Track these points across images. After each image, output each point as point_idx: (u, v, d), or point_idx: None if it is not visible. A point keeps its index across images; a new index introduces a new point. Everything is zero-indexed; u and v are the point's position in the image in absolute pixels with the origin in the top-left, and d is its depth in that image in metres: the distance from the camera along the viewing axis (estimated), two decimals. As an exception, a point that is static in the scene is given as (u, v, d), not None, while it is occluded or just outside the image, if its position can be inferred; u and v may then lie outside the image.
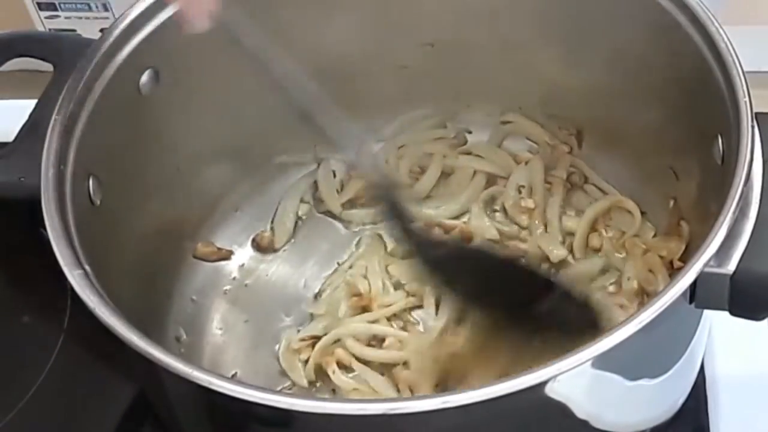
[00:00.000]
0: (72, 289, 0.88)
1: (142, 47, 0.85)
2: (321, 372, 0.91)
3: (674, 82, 0.84)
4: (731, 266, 0.67)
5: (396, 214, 0.82)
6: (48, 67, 0.86)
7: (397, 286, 0.95)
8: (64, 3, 1.17)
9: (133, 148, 0.87)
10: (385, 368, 0.90)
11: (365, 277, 0.96)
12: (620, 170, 0.98)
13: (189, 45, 0.87)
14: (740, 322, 0.72)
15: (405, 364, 0.89)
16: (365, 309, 0.93)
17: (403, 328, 0.92)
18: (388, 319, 0.93)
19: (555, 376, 0.63)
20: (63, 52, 0.87)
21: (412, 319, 0.93)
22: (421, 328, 0.93)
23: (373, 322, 0.92)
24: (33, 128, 0.83)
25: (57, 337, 0.94)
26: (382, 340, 0.91)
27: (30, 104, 0.85)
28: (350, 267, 0.98)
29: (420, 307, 0.94)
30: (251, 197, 1.02)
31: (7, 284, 0.99)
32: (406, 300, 0.93)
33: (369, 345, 0.91)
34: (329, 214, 1.02)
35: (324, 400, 0.65)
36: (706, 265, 0.66)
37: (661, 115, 0.88)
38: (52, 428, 0.91)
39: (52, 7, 1.17)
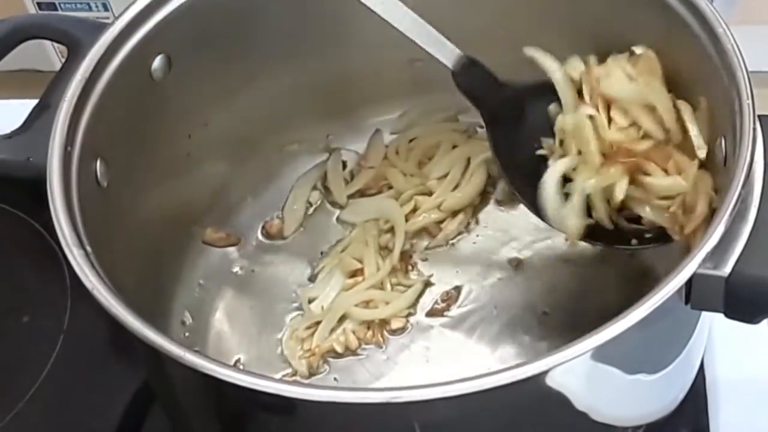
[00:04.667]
0: (72, 289, 0.90)
1: (154, 32, 0.85)
2: (322, 360, 0.93)
3: (680, 82, 0.84)
4: (727, 269, 0.67)
5: None
6: (48, 66, 0.87)
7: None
8: (64, 3, 1.17)
9: (143, 132, 0.88)
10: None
11: (359, 260, 0.97)
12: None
13: (202, 31, 0.88)
14: (740, 323, 0.72)
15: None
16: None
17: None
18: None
19: (555, 367, 0.63)
20: (77, 35, 0.88)
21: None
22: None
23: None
24: (44, 109, 0.83)
25: (57, 337, 0.94)
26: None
27: (30, 104, 0.85)
28: (343, 249, 0.99)
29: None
30: (262, 184, 1.03)
31: (7, 284, 1.00)
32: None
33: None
34: (339, 204, 1.03)
35: (326, 388, 0.65)
36: (701, 266, 0.66)
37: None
38: (52, 428, 0.91)
39: (52, 7, 1.18)
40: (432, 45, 0.87)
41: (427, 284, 0.96)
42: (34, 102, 0.85)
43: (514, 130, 0.89)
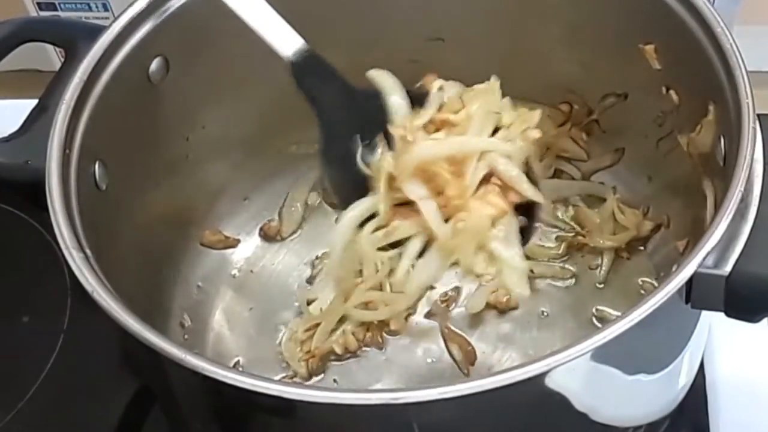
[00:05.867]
0: (72, 289, 0.89)
1: (152, 35, 0.85)
2: (321, 362, 0.93)
3: (678, 81, 0.84)
4: (727, 268, 0.67)
5: None
6: (48, 66, 0.86)
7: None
8: (64, 3, 1.17)
9: (141, 134, 0.88)
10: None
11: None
12: (622, 168, 0.99)
13: (200, 34, 0.88)
14: (740, 323, 0.72)
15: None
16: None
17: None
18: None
19: (555, 367, 0.63)
20: (75, 37, 0.87)
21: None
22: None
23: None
24: (42, 111, 0.83)
25: (57, 337, 0.94)
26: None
27: (30, 104, 0.85)
28: None
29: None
30: (260, 186, 1.03)
31: (7, 284, 1.00)
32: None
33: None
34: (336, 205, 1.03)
35: (326, 389, 0.65)
36: (701, 265, 0.66)
37: (666, 114, 0.88)
38: (52, 428, 0.91)
39: (52, 7, 1.18)
40: (271, 32, 0.81)
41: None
42: (34, 102, 0.85)
43: (349, 135, 0.83)
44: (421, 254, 0.80)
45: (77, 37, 0.87)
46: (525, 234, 0.79)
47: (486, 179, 0.78)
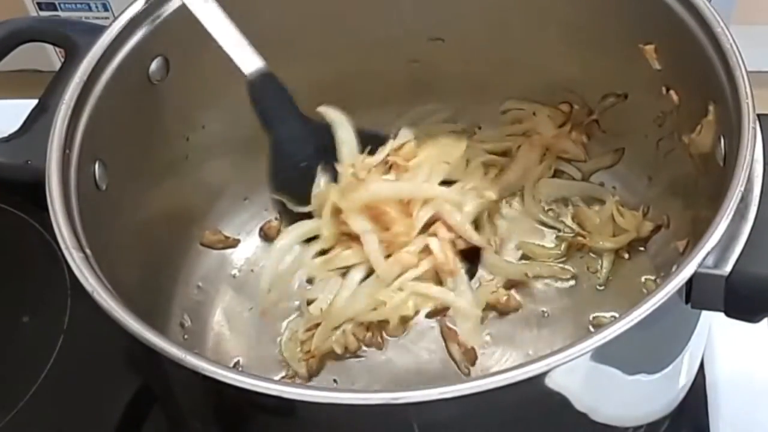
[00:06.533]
0: (72, 289, 0.89)
1: (152, 34, 0.85)
2: (321, 362, 0.93)
3: (678, 81, 0.84)
4: (727, 268, 0.67)
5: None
6: (48, 66, 0.86)
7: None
8: (64, 3, 1.17)
9: (141, 134, 0.88)
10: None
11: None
12: (622, 169, 0.99)
13: (200, 34, 0.88)
14: (740, 323, 0.72)
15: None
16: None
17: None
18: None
19: (555, 367, 0.63)
20: (75, 38, 0.87)
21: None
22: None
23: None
24: (42, 111, 0.83)
25: (57, 337, 0.94)
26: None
27: (30, 104, 0.85)
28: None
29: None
30: (260, 186, 1.02)
31: (7, 284, 1.00)
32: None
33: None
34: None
35: (326, 389, 0.65)
36: (701, 265, 0.66)
37: (666, 114, 0.88)
38: (52, 428, 0.91)
39: (52, 7, 1.18)
40: (234, 50, 0.85)
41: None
42: (34, 102, 0.85)
43: (297, 160, 0.89)
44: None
45: (77, 37, 0.87)
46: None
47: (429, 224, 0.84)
